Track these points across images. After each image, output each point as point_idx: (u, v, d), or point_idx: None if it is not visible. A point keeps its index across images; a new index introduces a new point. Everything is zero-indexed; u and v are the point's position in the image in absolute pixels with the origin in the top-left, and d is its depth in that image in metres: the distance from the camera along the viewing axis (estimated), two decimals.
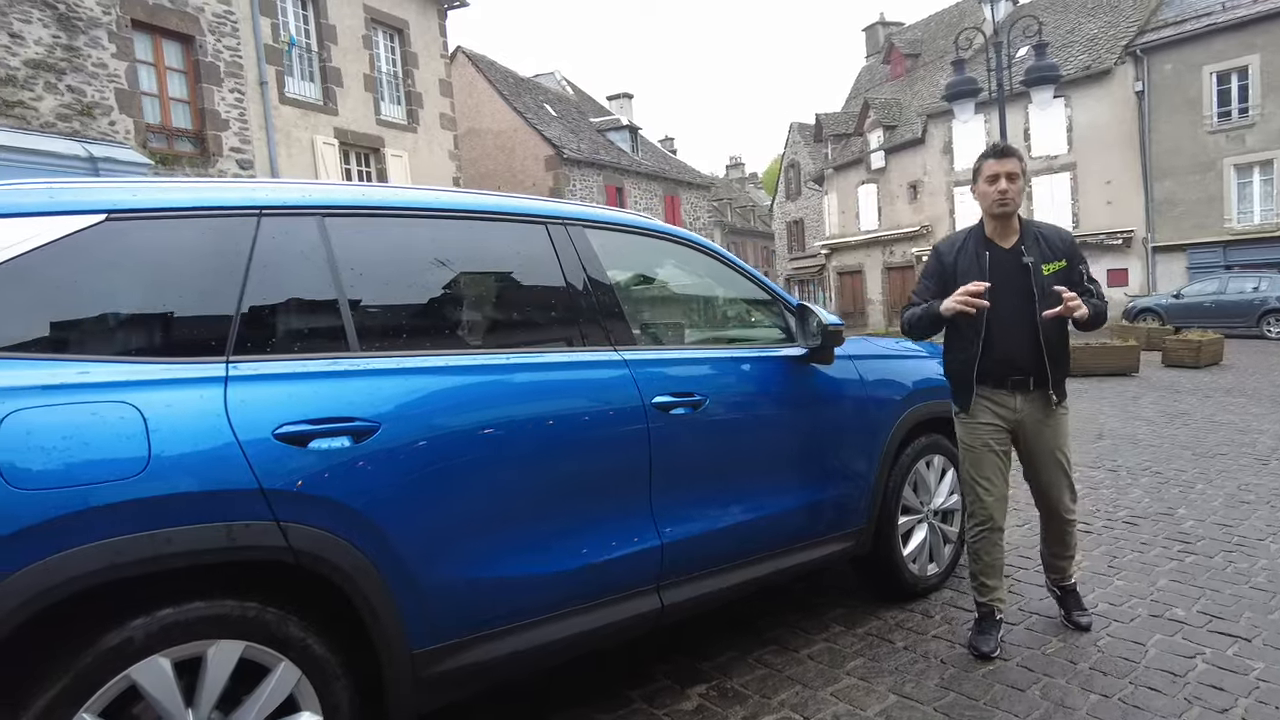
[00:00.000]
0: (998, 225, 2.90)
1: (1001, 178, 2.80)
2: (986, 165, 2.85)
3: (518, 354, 2.33)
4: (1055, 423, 2.94)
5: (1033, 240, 2.88)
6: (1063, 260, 2.86)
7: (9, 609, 1.50)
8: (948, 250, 2.98)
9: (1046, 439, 2.94)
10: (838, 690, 2.70)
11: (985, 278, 2.79)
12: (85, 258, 1.80)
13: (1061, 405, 2.94)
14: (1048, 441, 2.94)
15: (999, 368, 2.87)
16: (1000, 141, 3.09)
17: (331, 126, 15.59)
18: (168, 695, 1.68)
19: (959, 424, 3.03)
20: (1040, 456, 2.97)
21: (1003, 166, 2.81)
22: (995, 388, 2.91)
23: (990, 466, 2.94)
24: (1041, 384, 2.88)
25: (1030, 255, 2.83)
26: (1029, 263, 2.82)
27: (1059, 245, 2.89)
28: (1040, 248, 2.86)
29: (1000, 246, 2.89)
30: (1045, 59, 14.05)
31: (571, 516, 2.28)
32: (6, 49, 10.08)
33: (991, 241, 2.91)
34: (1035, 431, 2.93)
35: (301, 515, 1.79)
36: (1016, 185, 2.80)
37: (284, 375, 1.89)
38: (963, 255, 2.92)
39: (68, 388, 1.65)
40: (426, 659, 2.00)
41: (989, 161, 2.85)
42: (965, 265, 2.89)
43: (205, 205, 1.95)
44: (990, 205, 2.86)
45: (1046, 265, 2.83)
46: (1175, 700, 2.54)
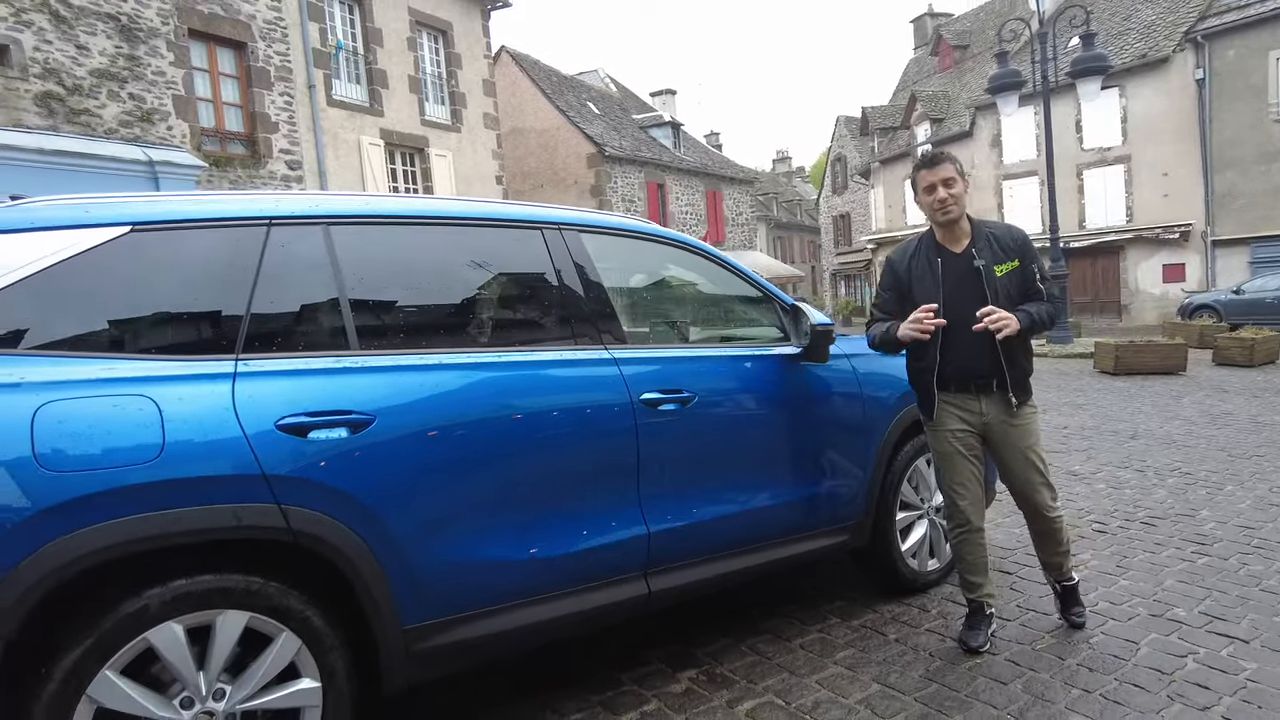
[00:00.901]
0: (946, 231, 2.90)
1: (937, 186, 2.80)
2: (920, 177, 2.85)
3: (510, 352, 2.47)
4: (1022, 423, 2.92)
5: (984, 242, 2.87)
6: (1015, 260, 2.85)
7: (39, 577, 1.70)
8: (900, 259, 2.99)
9: (1014, 439, 2.92)
10: (823, 678, 2.80)
11: (938, 285, 2.83)
12: (111, 265, 2.00)
13: (1027, 405, 2.93)
14: (1016, 442, 2.92)
15: (960, 373, 2.88)
16: (930, 150, 3.07)
17: (377, 127, 16.00)
18: (180, 658, 1.88)
19: (928, 431, 3.04)
20: (1011, 457, 2.95)
21: (935, 175, 2.80)
22: (958, 392, 2.91)
23: (962, 471, 2.95)
24: (1004, 386, 2.87)
25: (981, 258, 2.83)
26: (980, 265, 2.82)
27: (1011, 245, 2.88)
28: (992, 249, 2.86)
29: (951, 251, 2.89)
30: (1093, 49, 13.74)
31: (558, 505, 2.42)
32: (74, 60, 10.62)
33: (943, 247, 2.91)
34: (1002, 433, 2.92)
35: (301, 499, 1.97)
36: (954, 190, 2.80)
37: (287, 371, 2.06)
38: (915, 263, 2.93)
39: (93, 382, 1.85)
40: (418, 634, 2.16)
41: (922, 173, 2.85)
42: (919, 273, 2.91)
43: (219, 216, 2.14)
44: (933, 215, 2.86)
45: (999, 266, 2.83)
46: (1157, 697, 2.57)
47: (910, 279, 2.92)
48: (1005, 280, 2.83)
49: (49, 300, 1.91)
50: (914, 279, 2.91)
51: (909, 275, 2.93)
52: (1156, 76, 22.33)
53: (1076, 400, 9.16)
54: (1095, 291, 24.60)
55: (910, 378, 3.04)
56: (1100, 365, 11.52)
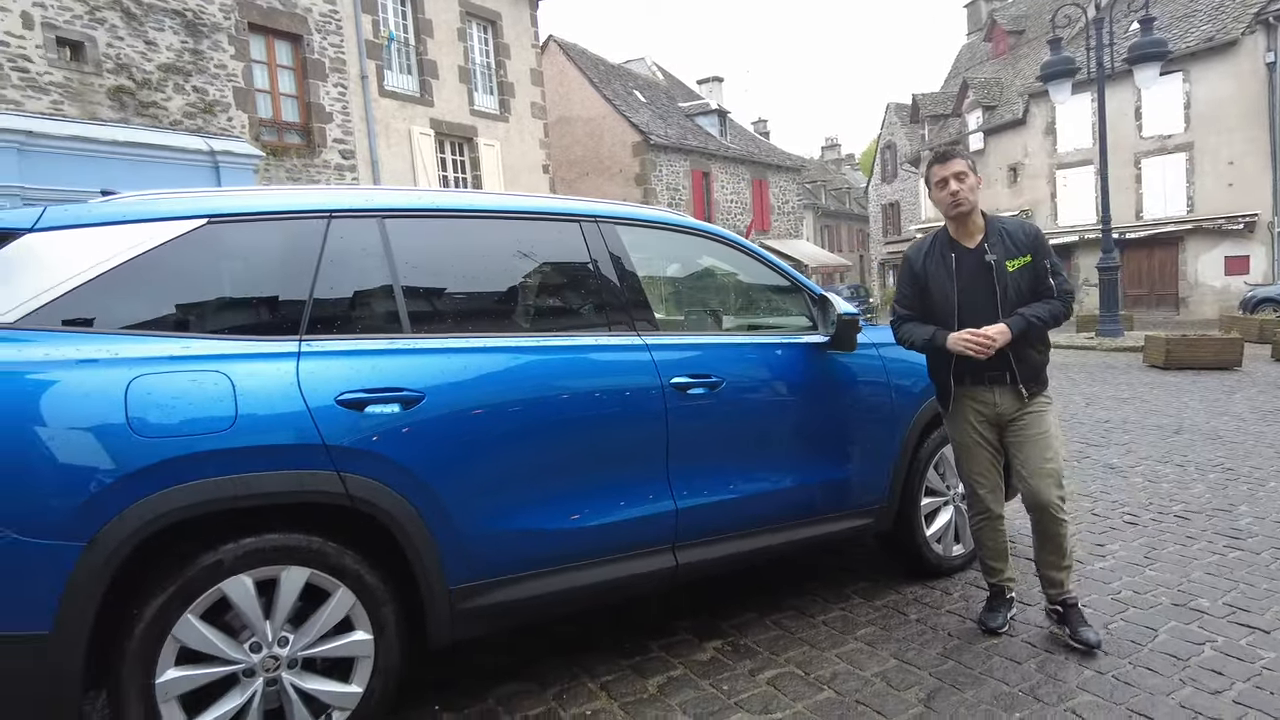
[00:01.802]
0: (959, 226, 2.94)
1: (949, 180, 2.85)
2: (933, 172, 2.91)
3: (549, 337, 2.65)
4: (1035, 415, 2.93)
5: (997, 237, 2.91)
6: (1027, 255, 2.88)
7: (134, 529, 1.93)
8: (916, 256, 3.04)
9: (1025, 428, 2.92)
10: (843, 653, 2.93)
11: (952, 280, 2.90)
12: (190, 254, 2.22)
13: (1040, 396, 2.94)
14: (1026, 430, 2.92)
15: (974, 366, 2.90)
16: (942, 145, 3.08)
17: (428, 117, 16.35)
18: (250, 607, 2.10)
19: (946, 421, 3.11)
20: (1022, 448, 2.94)
21: (947, 169, 2.86)
22: (973, 385, 2.94)
23: (980, 461, 3.01)
24: (1015, 379, 2.90)
25: (993, 253, 2.88)
26: (991, 261, 2.87)
27: (1022, 240, 2.90)
28: (1004, 244, 2.89)
29: (965, 247, 2.93)
30: (1152, 34, 13.38)
31: (593, 479, 2.59)
32: (143, 55, 11.11)
33: (957, 243, 2.95)
34: (1015, 424, 2.94)
35: (357, 467, 2.17)
36: (966, 184, 2.85)
37: (346, 351, 2.26)
38: (930, 259, 2.99)
39: (175, 359, 2.07)
40: (462, 594, 2.35)
41: (934, 168, 2.91)
42: (934, 269, 2.96)
43: (284, 209, 2.35)
44: (946, 209, 2.91)
45: (1010, 261, 2.87)
46: (1169, 680, 2.64)
47: (926, 275, 2.98)
48: (1016, 275, 2.87)
49: (138, 285, 2.14)
50: (930, 275, 2.97)
51: (925, 271, 2.99)
52: (1223, 60, 21.51)
53: (1121, 394, 9.03)
54: (1151, 284, 23.92)
55: (929, 371, 3.11)
56: (1150, 359, 11.29)
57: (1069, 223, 25.11)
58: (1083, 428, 7.16)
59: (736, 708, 2.56)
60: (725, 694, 2.65)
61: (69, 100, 10.28)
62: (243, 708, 2.12)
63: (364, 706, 2.26)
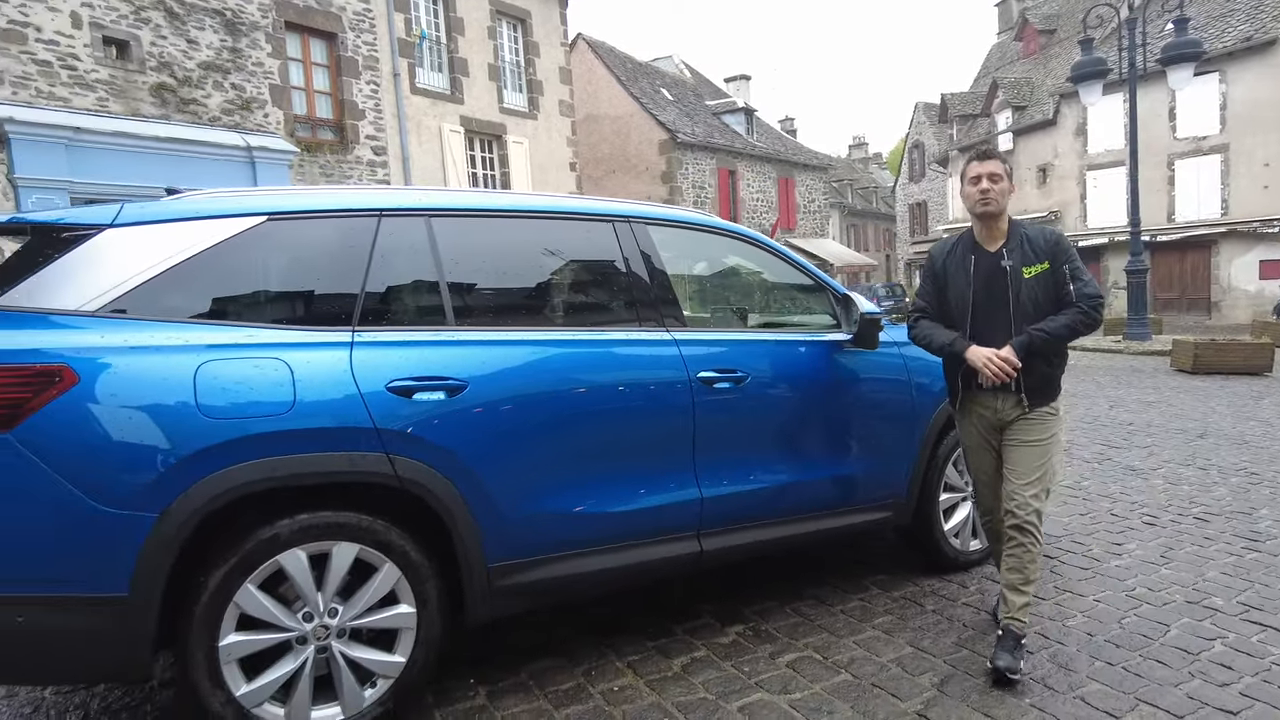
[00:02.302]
0: (984, 228, 2.94)
1: (983, 178, 2.85)
2: (970, 167, 2.92)
3: (584, 331, 2.79)
4: (1032, 424, 2.88)
5: (1017, 243, 2.90)
6: (1045, 262, 2.85)
7: (199, 503, 2.09)
8: (939, 255, 3.08)
9: (1021, 433, 2.89)
10: (860, 640, 3.04)
11: (970, 283, 2.92)
12: (251, 249, 2.38)
13: (1044, 409, 2.88)
14: (1022, 435, 2.88)
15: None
16: (984, 145, 3.07)
17: (458, 115, 16.56)
18: (304, 579, 2.26)
19: (957, 421, 3.12)
20: (1011, 456, 2.90)
21: (984, 168, 2.86)
22: (980, 389, 2.94)
23: (984, 461, 3.04)
24: (1020, 387, 2.86)
25: (1011, 259, 2.87)
26: (1007, 266, 2.86)
27: (1042, 246, 2.88)
28: (1023, 250, 2.88)
29: (986, 251, 2.93)
30: (1186, 34, 13.25)
31: (623, 467, 2.72)
32: (184, 53, 11.41)
33: (979, 246, 2.96)
34: (1014, 431, 2.91)
35: (405, 450, 2.32)
36: (999, 186, 2.85)
37: (396, 342, 2.42)
38: (951, 259, 3.01)
39: (239, 346, 2.23)
40: (499, 573, 2.50)
41: (972, 164, 2.91)
42: (954, 270, 2.99)
43: (338, 208, 2.51)
44: (973, 205, 2.90)
45: (1027, 268, 2.86)
46: (1178, 673, 2.72)
47: (946, 274, 3.01)
48: (1032, 282, 2.85)
49: (204, 277, 2.30)
50: (949, 275, 3.00)
51: (944, 271, 3.02)
52: (1262, 60, 21.15)
53: (1147, 398, 9.00)
54: (1183, 287, 23.59)
55: (943, 370, 3.14)
56: (1178, 364, 11.21)
57: (1098, 225, 24.83)
58: (1105, 430, 7.18)
59: (756, 687, 2.68)
60: (745, 675, 2.77)
61: (114, 97, 10.60)
62: (295, 672, 2.28)
63: (406, 675, 2.41)
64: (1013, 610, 2.83)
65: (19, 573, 1.98)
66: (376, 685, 2.39)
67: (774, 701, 2.59)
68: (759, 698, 2.61)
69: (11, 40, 9.60)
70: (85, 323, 2.12)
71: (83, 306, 2.14)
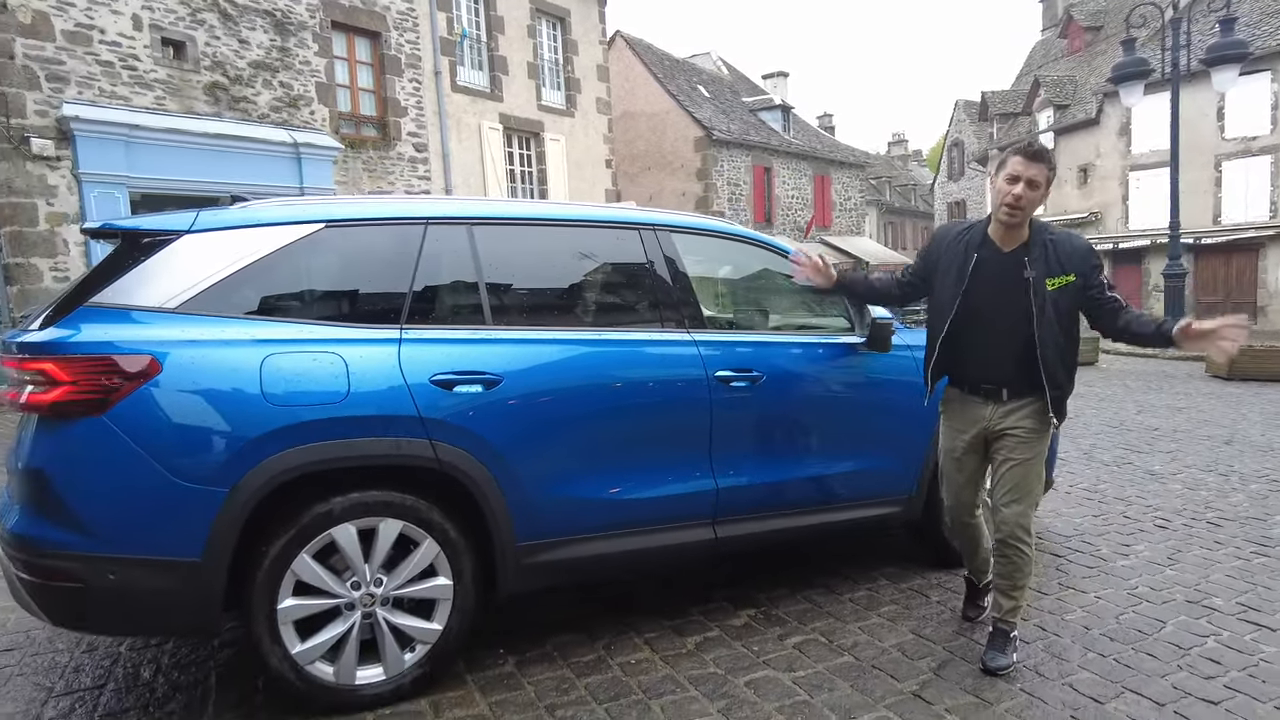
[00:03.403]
0: (1003, 229, 2.71)
1: (1022, 181, 2.59)
2: (1012, 162, 2.62)
3: (610, 331, 3.01)
4: (1028, 443, 2.77)
5: (1040, 248, 2.67)
6: (1071, 274, 2.64)
7: (266, 480, 2.36)
8: (943, 237, 2.88)
9: (1014, 449, 2.78)
10: (865, 626, 3.22)
11: (962, 279, 2.72)
12: (311, 253, 2.64)
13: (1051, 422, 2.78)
14: (1015, 453, 2.78)
15: (972, 374, 2.83)
16: (1037, 143, 2.73)
17: (497, 112, 16.89)
18: (354, 551, 2.51)
19: (941, 424, 3.06)
20: (1003, 466, 2.81)
21: (1027, 170, 2.59)
22: (967, 393, 2.87)
23: (954, 469, 2.99)
24: (1016, 395, 2.77)
25: (1034, 268, 2.64)
26: (1030, 277, 2.63)
27: (1069, 256, 2.66)
28: (1047, 258, 2.65)
29: (999, 249, 2.71)
30: (1232, 34, 13.05)
31: (643, 458, 2.94)
32: (236, 53, 11.86)
33: (991, 241, 2.73)
34: (1007, 443, 2.80)
35: (446, 437, 2.56)
36: (1035, 194, 2.60)
37: (439, 339, 2.66)
38: (951, 249, 2.79)
39: (299, 341, 2.49)
40: (527, 550, 2.74)
41: (1015, 159, 2.62)
42: (948, 262, 2.78)
43: (389, 216, 2.76)
44: (998, 209, 2.67)
45: (1051, 280, 2.63)
46: (1167, 665, 2.86)
47: (939, 262, 2.82)
48: (1056, 295, 2.64)
49: (269, 278, 2.57)
50: (942, 260, 2.80)
51: (940, 258, 2.83)
52: None
53: (1176, 404, 8.97)
54: (1228, 291, 23.10)
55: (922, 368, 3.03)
56: (1213, 369, 11.10)
57: (1140, 227, 24.39)
58: (1130, 435, 7.22)
59: (763, 665, 2.88)
60: (754, 654, 2.98)
61: (170, 96, 11.07)
62: (343, 635, 2.54)
63: (442, 641, 2.66)
64: (1003, 613, 2.90)
65: (111, 536, 2.26)
66: (415, 650, 2.64)
67: (779, 678, 2.79)
68: (765, 674, 2.82)
69: (78, 42, 10.09)
70: (167, 319, 2.40)
71: (164, 304, 2.42)
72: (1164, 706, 2.59)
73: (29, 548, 2.29)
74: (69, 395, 2.24)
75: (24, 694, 2.76)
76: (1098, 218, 25.98)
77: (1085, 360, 13.07)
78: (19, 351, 2.33)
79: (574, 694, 2.69)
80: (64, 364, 2.26)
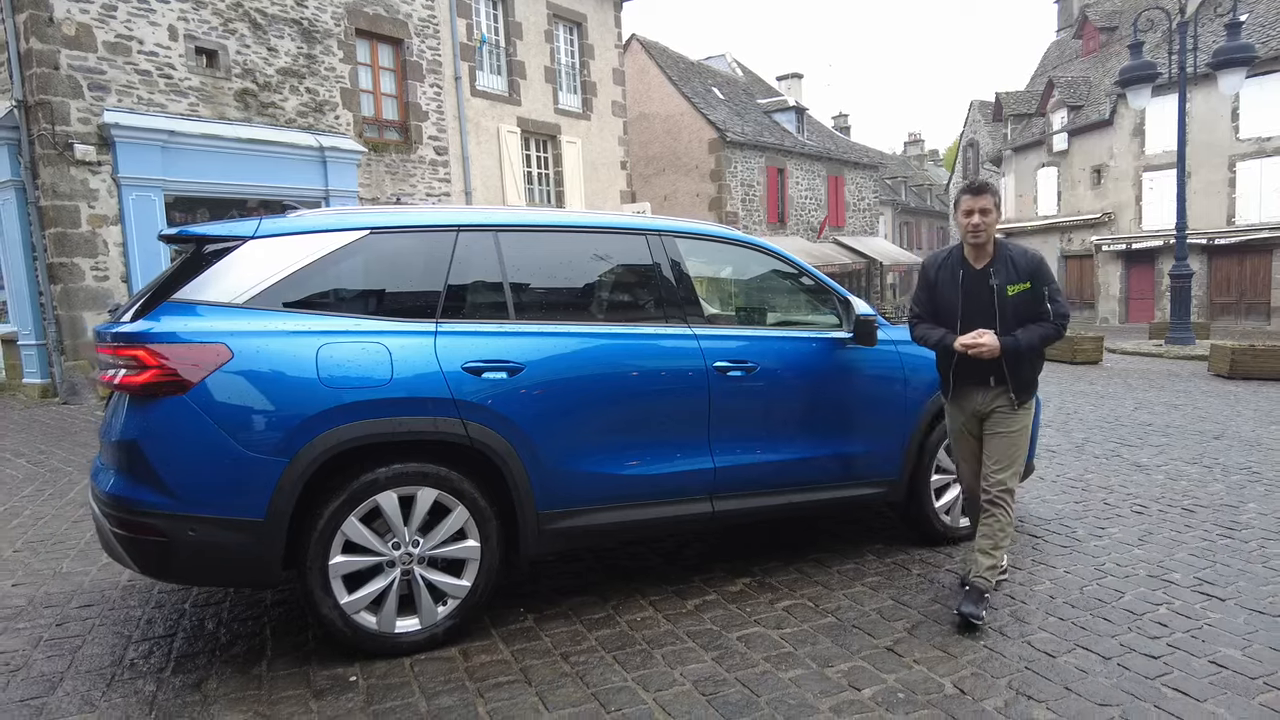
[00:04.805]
0: (973, 250, 3.36)
1: (975, 212, 3.25)
2: (963, 200, 3.31)
3: (620, 325, 3.37)
4: (1011, 414, 3.36)
5: (1002, 264, 3.31)
6: (1026, 281, 3.28)
7: (320, 452, 2.74)
8: (931, 265, 3.51)
9: (1000, 424, 3.37)
10: (849, 593, 3.57)
11: (958, 293, 3.35)
12: (358, 256, 3.02)
13: (1023, 405, 3.36)
14: (999, 426, 3.37)
15: (966, 369, 3.38)
16: (976, 178, 3.39)
17: (515, 116, 17.31)
18: (395, 516, 2.89)
19: (946, 409, 3.61)
20: (992, 438, 3.40)
21: (976, 203, 3.25)
22: (965, 384, 3.42)
23: (965, 446, 3.53)
24: (1001, 382, 3.33)
25: (997, 278, 3.29)
26: (994, 284, 3.29)
27: (1024, 267, 3.31)
28: (1008, 270, 3.29)
29: (973, 267, 3.35)
30: (1238, 39, 13.23)
31: (648, 439, 3.30)
32: (265, 60, 12.33)
33: (967, 262, 3.37)
34: (993, 420, 3.40)
35: (475, 416, 2.94)
36: (989, 218, 3.26)
37: (469, 332, 3.04)
38: (943, 272, 3.43)
39: (349, 332, 2.87)
40: (547, 518, 3.11)
41: (965, 197, 3.30)
42: (944, 280, 3.42)
43: (425, 224, 3.14)
44: (965, 235, 3.33)
45: (1011, 286, 3.28)
46: (1118, 627, 3.18)
47: (937, 283, 3.44)
48: (1015, 299, 3.28)
49: (322, 277, 2.95)
50: (940, 284, 3.42)
51: (936, 280, 3.45)
52: None
53: (1175, 401, 9.21)
54: (1241, 291, 23.14)
55: (936, 365, 3.59)
56: (1215, 368, 11.30)
57: (1154, 227, 24.46)
58: (1123, 430, 7.49)
59: (754, 624, 3.24)
60: (747, 614, 3.33)
61: (203, 103, 11.54)
62: (385, 590, 2.92)
63: (470, 597, 3.04)
64: (980, 570, 3.33)
65: (191, 497, 2.65)
66: (447, 604, 3.02)
67: (768, 634, 3.14)
68: (755, 631, 3.17)
69: (118, 53, 10.58)
70: (236, 312, 2.79)
71: (234, 300, 2.81)
72: (1109, 660, 2.92)
73: (123, 507, 2.69)
74: (157, 378, 2.64)
75: (108, 641, 3.17)
76: (1111, 218, 26.06)
77: (1089, 359, 13.30)
78: (114, 341, 2.73)
79: (585, 644, 3.06)
80: (153, 351, 2.65)
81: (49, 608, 3.54)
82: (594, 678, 2.80)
